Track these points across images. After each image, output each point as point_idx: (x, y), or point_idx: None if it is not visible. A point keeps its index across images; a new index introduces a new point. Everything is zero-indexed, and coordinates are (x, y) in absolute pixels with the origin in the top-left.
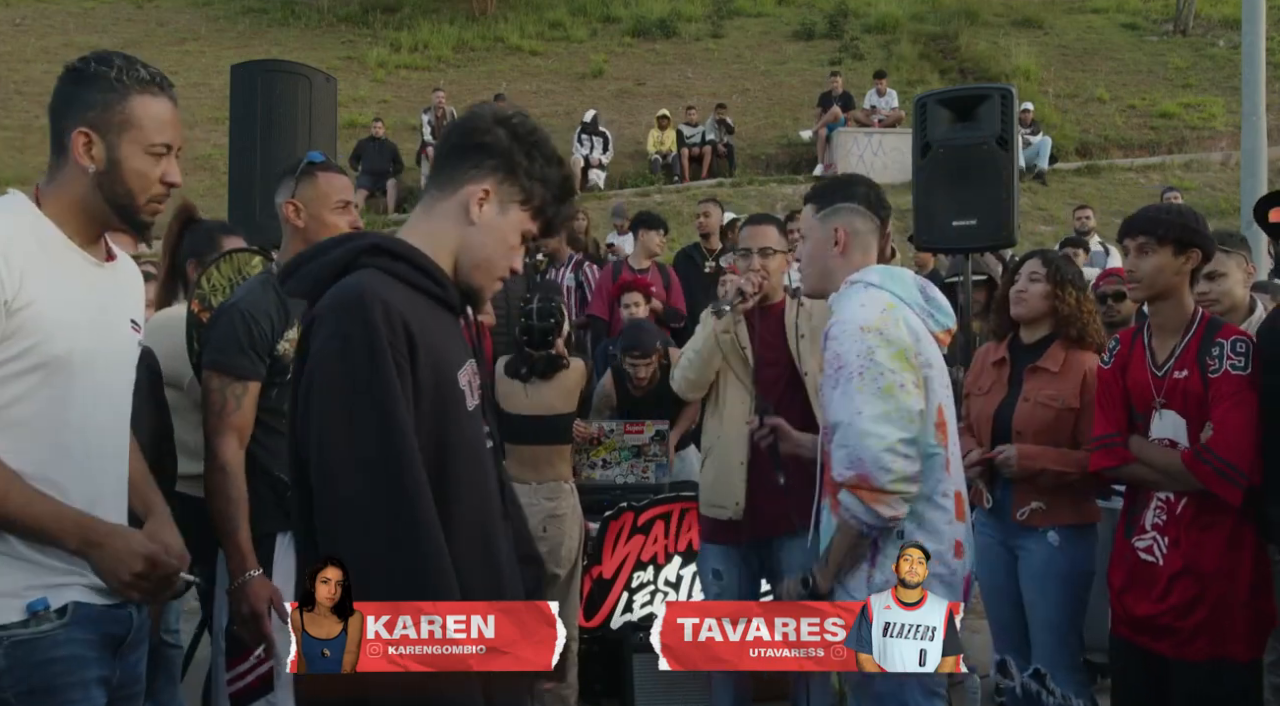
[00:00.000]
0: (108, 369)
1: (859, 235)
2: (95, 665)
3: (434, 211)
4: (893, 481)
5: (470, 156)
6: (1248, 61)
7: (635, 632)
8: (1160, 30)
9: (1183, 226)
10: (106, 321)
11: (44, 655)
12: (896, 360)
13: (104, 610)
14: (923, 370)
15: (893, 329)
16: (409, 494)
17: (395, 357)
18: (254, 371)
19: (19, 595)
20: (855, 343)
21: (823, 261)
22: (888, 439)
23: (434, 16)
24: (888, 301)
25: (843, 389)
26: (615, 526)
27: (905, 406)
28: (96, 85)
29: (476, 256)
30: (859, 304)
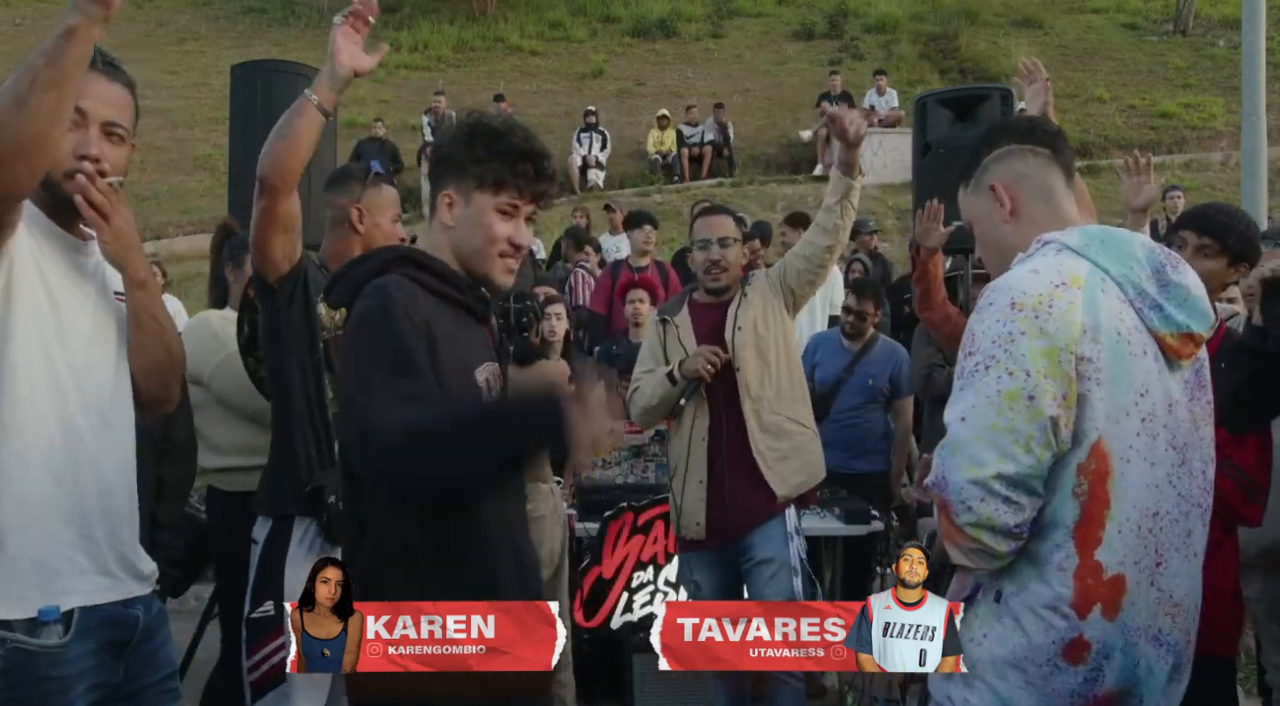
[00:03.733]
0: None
1: (1027, 180)
2: (91, 675)
3: (430, 232)
4: (971, 524)
5: (434, 177)
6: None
7: (635, 632)
8: (1160, 30)
9: (1247, 240)
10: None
11: (42, 671)
12: (1044, 358)
13: (108, 613)
14: (1084, 384)
15: (1059, 314)
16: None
17: (413, 329)
18: None
19: (28, 597)
20: (998, 322)
21: (997, 237)
22: (983, 469)
23: (434, 16)
24: (1075, 274)
25: (963, 381)
26: (615, 526)
27: (1023, 429)
28: None
29: (467, 249)
30: (1031, 269)
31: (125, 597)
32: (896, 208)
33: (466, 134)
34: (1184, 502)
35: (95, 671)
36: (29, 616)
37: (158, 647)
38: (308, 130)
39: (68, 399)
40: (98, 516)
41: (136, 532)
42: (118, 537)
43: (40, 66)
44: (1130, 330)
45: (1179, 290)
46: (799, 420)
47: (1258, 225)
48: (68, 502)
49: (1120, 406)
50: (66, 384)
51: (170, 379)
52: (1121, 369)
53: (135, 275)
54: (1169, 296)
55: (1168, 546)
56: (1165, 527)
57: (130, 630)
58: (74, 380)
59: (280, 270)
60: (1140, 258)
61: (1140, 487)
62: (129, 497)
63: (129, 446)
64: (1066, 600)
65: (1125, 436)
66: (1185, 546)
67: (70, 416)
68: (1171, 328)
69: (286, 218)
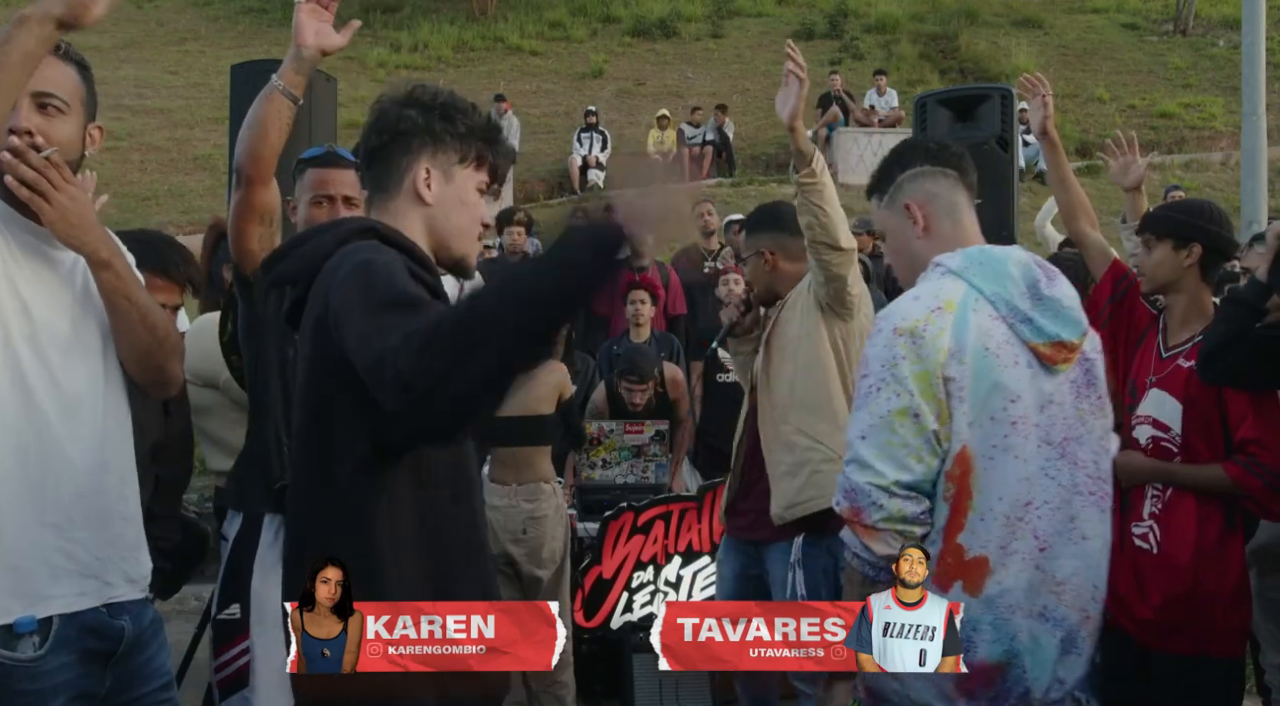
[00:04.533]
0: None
1: (937, 199)
2: (71, 686)
3: (391, 209)
4: (884, 520)
5: (397, 150)
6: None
7: (635, 632)
8: (1160, 30)
9: (1179, 222)
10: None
11: (15, 684)
12: (920, 381)
13: (90, 621)
14: (951, 403)
15: (930, 339)
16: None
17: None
18: None
19: (4, 606)
20: (885, 347)
21: (909, 254)
22: (883, 478)
23: (434, 16)
24: (950, 297)
25: (860, 401)
26: (615, 526)
27: (913, 442)
28: None
29: (447, 229)
30: (913, 295)
31: (110, 601)
32: None
33: (441, 105)
34: (1065, 491)
35: (77, 682)
36: (4, 623)
37: (150, 657)
38: (275, 117)
39: (40, 401)
40: (80, 519)
41: (128, 534)
42: (104, 539)
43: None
44: (1000, 345)
45: (1052, 303)
46: (815, 436)
47: (1205, 210)
48: (44, 507)
49: (985, 413)
50: (38, 386)
51: (162, 359)
52: (989, 382)
53: (95, 255)
54: (1042, 310)
55: (1050, 532)
56: (1043, 515)
57: (115, 640)
58: (48, 382)
59: (258, 262)
60: (1015, 275)
61: (1010, 481)
62: (120, 497)
63: (120, 445)
64: (930, 579)
65: (990, 438)
66: (1070, 530)
67: (44, 419)
68: (1043, 338)
69: (264, 208)
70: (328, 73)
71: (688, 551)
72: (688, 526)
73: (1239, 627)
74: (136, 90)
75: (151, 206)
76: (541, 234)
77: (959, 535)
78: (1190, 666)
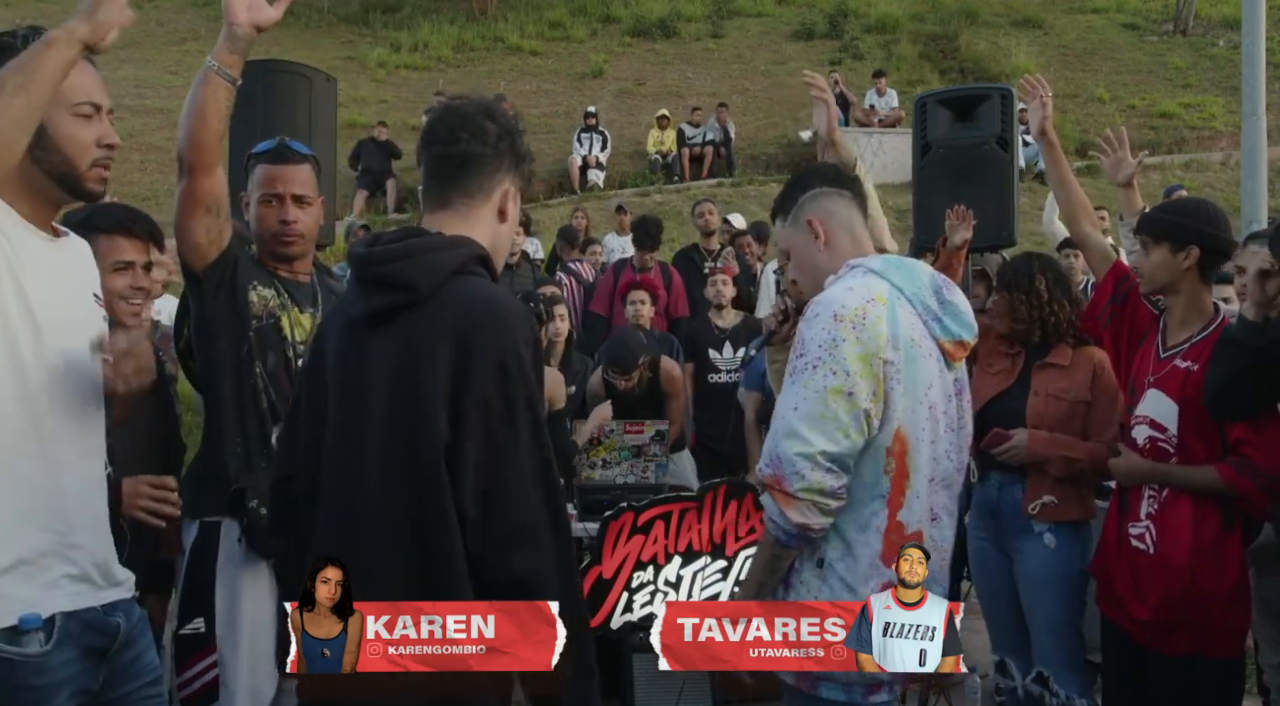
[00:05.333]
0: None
1: (834, 216)
2: (73, 682)
3: (473, 218)
4: (803, 489)
5: (491, 161)
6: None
7: (635, 632)
8: (1160, 30)
9: (1174, 224)
10: (73, 295)
11: (22, 680)
12: (860, 363)
13: (90, 619)
14: (888, 382)
15: (871, 324)
16: (562, 511)
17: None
18: None
19: (9, 598)
20: (824, 330)
21: (811, 265)
22: (811, 446)
23: (434, 16)
24: (879, 292)
25: (794, 377)
26: (615, 526)
27: (843, 418)
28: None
29: (500, 246)
30: (847, 287)
31: (105, 602)
32: (896, 208)
33: (518, 132)
34: (955, 473)
35: (77, 678)
36: (9, 624)
37: (139, 654)
38: (213, 99)
39: (42, 407)
40: (79, 523)
41: (111, 539)
42: (97, 543)
43: (10, 72)
44: (920, 337)
45: (953, 307)
46: None
47: (1203, 211)
48: (46, 511)
49: (914, 398)
50: (40, 392)
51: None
52: (914, 369)
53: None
54: (946, 312)
55: (940, 506)
56: (938, 491)
57: (111, 637)
58: (50, 387)
59: (206, 256)
60: (925, 280)
61: (926, 461)
62: (106, 503)
63: (103, 452)
64: (879, 553)
65: (918, 421)
66: (951, 504)
67: (46, 425)
68: (949, 336)
69: (208, 197)
70: (328, 73)
71: (688, 551)
72: (688, 526)
73: (1238, 628)
74: (136, 90)
75: (151, 206)
76: None
77: (900, 512)
78: (1189, 667)
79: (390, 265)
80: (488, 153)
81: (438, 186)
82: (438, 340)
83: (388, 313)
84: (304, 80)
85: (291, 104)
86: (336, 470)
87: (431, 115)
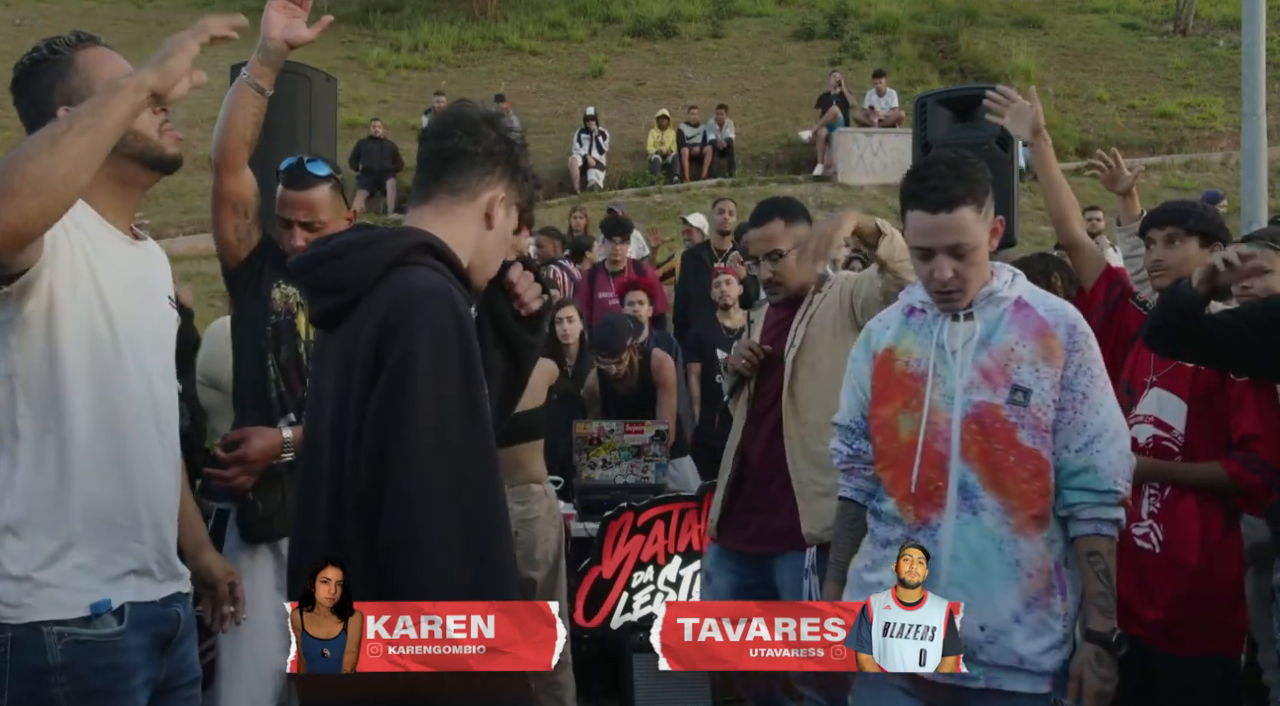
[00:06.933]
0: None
1: None
2: (146, 668)
3: (452, 215)
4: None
5: (482, 162)
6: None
7: (635, 632)
8: (1160, 30)
9: (1210, 220)
10: (149, 298)
11: (104, 660)
12: None
13: (155, 609)
14: None
15: None
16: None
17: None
18: None
19: (81, 591)
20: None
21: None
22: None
23: (434, 16)
24: None
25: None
26: (615, 526)
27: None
28: (41, 71)
29: (487, 258)
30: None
31: (164, 595)
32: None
33: (520, 144)
34: None
35: (148, 665)
36: (82, 615)
37: (188, 650)
38: (241, 108)
39: (122, 409)
40: (147, 522)
41: (175, 535)
42: (161, 540)
43: (81, 113)
44: None
45: None
46: None
47: (1217, 211)
48: (116, 509)
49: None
50: (120, 395)
51: None
52: None
53: None
54: None
55: None
56: None
57: (174, 624)
58: (129, 391)
59: (238, 255)
60: None
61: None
62: (175, 502)
63: (178, 451)
64: None
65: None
66: None
67: (124, 427)
68: None
69: (235, 198)
70: (328, 73)
71: (688, 551)
72: (688, 526)
73: (1241, 626)
74: None
75: (152, 206)
76: None
77: None
78: (1192, 666)
79: (320, 267)
80: (478, 153)
81: (423, 181)
82: (364, 336)
83: (330, 315)
84: (304, 80)
85: (291, 104)
86: (303, 475)
87: (435, 115)
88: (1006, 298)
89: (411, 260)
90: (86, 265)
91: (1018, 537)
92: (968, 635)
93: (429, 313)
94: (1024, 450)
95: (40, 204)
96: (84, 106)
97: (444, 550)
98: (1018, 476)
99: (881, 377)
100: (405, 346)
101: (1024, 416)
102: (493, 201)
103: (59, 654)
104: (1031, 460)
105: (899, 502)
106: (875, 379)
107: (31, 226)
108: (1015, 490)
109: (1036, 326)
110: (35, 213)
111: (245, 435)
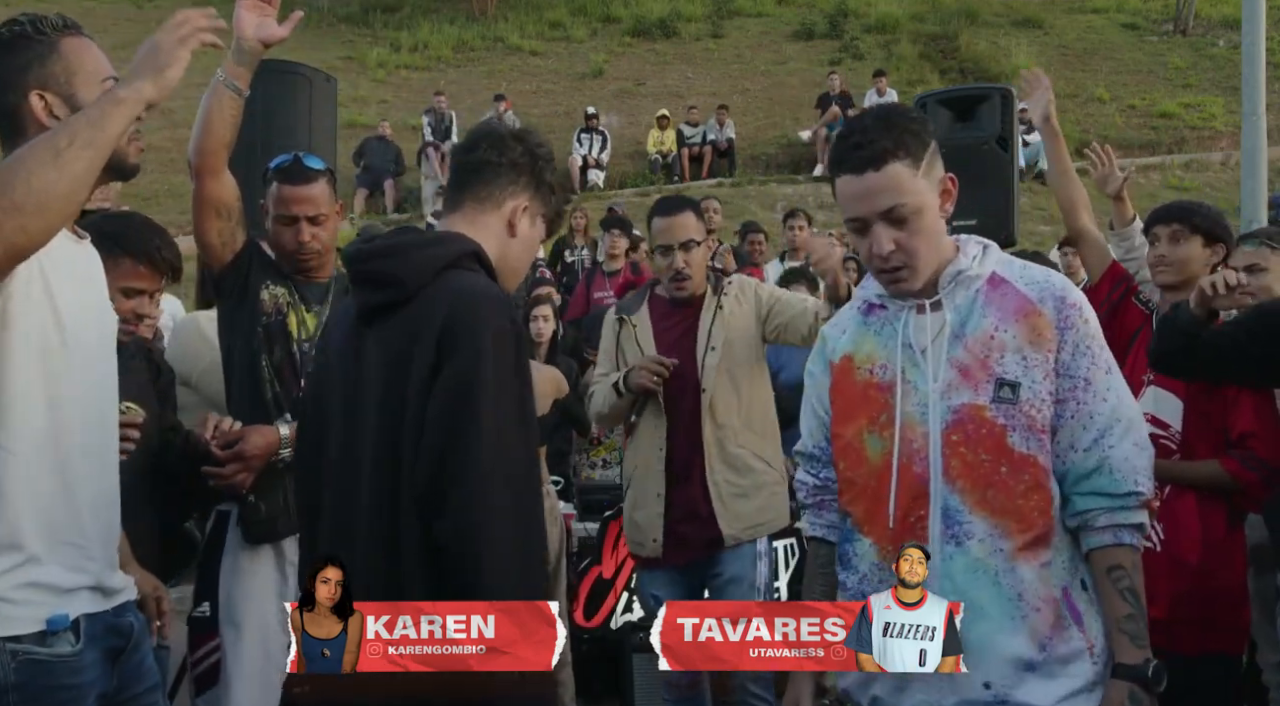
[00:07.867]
0: (98, 343)
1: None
2: (99, 683)
3: (478, 223)
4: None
5: (506, 173)
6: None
7: (635, 632)
8: (1160, 30)
9: (1214, 221)
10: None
11: (57, 680)
12: None
13: (109, 621)
14: None
15: None
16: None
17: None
18: None
19: (35, 605)
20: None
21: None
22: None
23: (434, 16)
24: None
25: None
26: (615, 526)
27: None
28: (19, 46)
29: (512, 266)
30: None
31: (114, 605)
32: None
33: (547, 157)
34: None
35: (100, 680)
36: (38, 629)
37: (144, 657)
38: (219, 109)
39: (69, 418)
40: (94, 535)
41: (118, 542)
42: (107, 553)
43: (82, 126)
44: None
45: None
46: (766, 458)
47: (1220, 211)
48: (64, 524)
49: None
50: (68, 403)
51: None
52: None
53: None
54: None
55: None
56: None
57: (126, 637)
58: (73, 400)
59: (221, 258)
60: None
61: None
62: (117, 509)
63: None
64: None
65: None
66: None
67: (71, 437)
68: None
69: (217, 201)
70: (328, 73)
71: None
72: None
73: (1243, 624)
74: None
75: (152, 206)
76: None
77: None
78: (1193, 666)
79: (378, 262)
80: (502, 163)
81: (453, 191)
82: (423, 334)
83: (379, 309)
84: (304, 80)
85: (291, 104)
86: (340, 466)
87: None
88: (978, 275)
89: (460, 265)
90: (39, 269)
91: (1016, 565)
92: (971, 696)
93: (492, 315)
94: (1016, 457)
95: (45, 221)
96: (83, 118)
97: (507, 550)
98: (1011, 491)
99: (841, 391)
100: (474, 345)
101: (1013, 416)
102: (516, 210)
103: (12, 673)
104: (1027, 469)
105: (876, 543)
106: (834, 393)
107: (33, 244)
108: (1010, 508)
109: (1018, 304)
110: (39, 230)
111: (242, 433)
